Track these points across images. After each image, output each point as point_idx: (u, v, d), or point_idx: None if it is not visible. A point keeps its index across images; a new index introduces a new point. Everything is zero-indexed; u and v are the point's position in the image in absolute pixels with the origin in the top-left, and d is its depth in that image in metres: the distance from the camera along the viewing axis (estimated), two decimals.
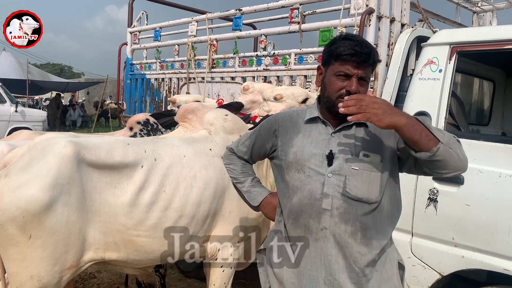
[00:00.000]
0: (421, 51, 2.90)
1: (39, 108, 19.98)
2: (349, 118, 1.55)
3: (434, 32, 3.18)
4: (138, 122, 3.04)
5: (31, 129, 11.86)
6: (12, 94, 13.37)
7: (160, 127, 3.13)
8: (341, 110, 1.55)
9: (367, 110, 1.50)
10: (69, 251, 2.16)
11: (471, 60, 3.53)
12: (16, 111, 11.71)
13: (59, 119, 18.91)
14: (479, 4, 4.08)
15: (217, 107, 3.11)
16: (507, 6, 4.05)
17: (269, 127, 1.93)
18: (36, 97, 26.45)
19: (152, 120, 3.10)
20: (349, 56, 1.63)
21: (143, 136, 2.99)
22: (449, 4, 3.90)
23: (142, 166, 2.35)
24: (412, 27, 3.20)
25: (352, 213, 1.65)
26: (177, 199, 2.39)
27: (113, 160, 2.28)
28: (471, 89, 3.99)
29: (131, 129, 3.04)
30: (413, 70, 3.07)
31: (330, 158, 1.69)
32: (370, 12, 2.91)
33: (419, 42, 3.08)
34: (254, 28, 5.21)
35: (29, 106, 19.96)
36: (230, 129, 2.74)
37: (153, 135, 3.01)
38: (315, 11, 3.38)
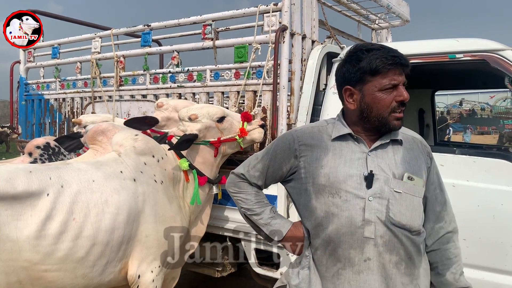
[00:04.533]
0: (332, 66, 3.01)
1: None
2: None
3: (342, 48, 3.35)
4: (38, 147, 2.73)
5: None
6: None
7: (62, 150, 2.84)
8: None
9: None
10: None
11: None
12: None
13: None
14: (377, 22, 4.40)
15: (128, 120, 2.92)
16: (401, 24, 4.42)
17: (286, 147, 1.72)
18: None
19: (53, 143, 2.80)
20: (391, 66, 1.52)
21: (44, 162, 2.69)
22: (351, 21, 4.14)
23: (47, 194, 2.14)
24: (322, 44, 3.32)
25: (396, 241, 1.52)
26: (88, 226, 2.20)
27: (15, 191, 2.05)
28: None
29: (30, 154, 2.72)
30: (326, 84, 3.18)
31: (369, 179, 1.53)
32: (283, 29, 2.95)
33: (329, 58, 3.21)
34: (160, 44, 5.06)
35: None
36: (141, 149, 2.59)
37: (55, 160, 2.73)
38: (229, 28, 3.35)
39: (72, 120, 3.62)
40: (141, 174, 2.54)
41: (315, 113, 3.05)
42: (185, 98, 3.50)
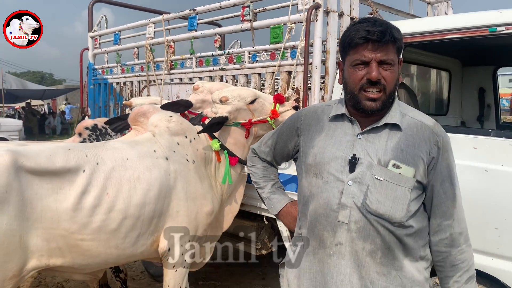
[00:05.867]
0: None
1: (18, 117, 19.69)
2: None
3: None
4: (87, 128, 3.00)
5: (7, 139, 11.70)
6: None
7: (109, 131, 3.08)
8: None
9: None
10: (10, 261, 2.12)
11: (425, 51, 3.55)
12: None
13: (37, 127, 18.67)
14: None
15: (165, 104, 3.07)
16: None
17: (291, 125, 1.76)
18: (17, 106, 26.07)
19: (100, 125, 3.06)
20: (361, 40, 1.43)
21: (92, 142, 2.95)
22: None
23: (84, 171, 2.34)
24: None
25: (372, 230, 1.45)
26: (120, 201, 2.39)
27: (54, 166, 2.27)
28: (428, 80, 4.02)
29: (80, 135, 2.99)
30: None
31: (352, 163, 1.48)
32: (316, 7, 2.90)
33: None
34: (219, 26, 5.18)
35: (8, 116, 19.70)
36: (174, 130, 2.72)
37: (103, 140, 2.97)
38: (265, 8, 3.35)
39: (123, 102, 3.89)
40: (173, 153, 2.68)
41: None
42: (226, 81, 3.59)
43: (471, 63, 3.95)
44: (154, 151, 2.63)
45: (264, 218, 3.34)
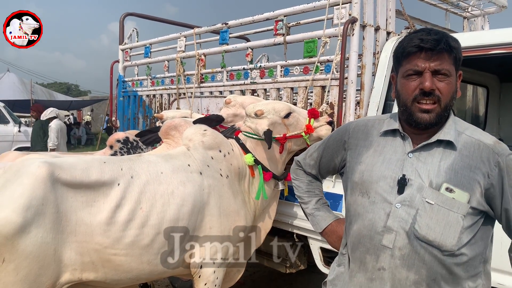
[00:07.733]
0: None
1: None
2: None
3: None
4: (118, 141, 3.00)
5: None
6: (17, 114, 13.46)
7: (140, 144, 3.08)
8: None
9: None
10: (44, 274, 2.10)
11: (463, 67, 3.45)
12: (19, 131, 11.77)
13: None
14: (469, 9, 4.01)
15: (196, 119, 3.05)
16: (497, 11, 3.97)
17: (338, 138, 1.68)
18: None
19: (132, 138, 3.05)
20: (414, 48, 1.37)
21: (123, 155, 2.94)
22: (437, 10, 3.83)
23: (118, 184, 2.32)
24: (398, 35, 3.14)
25: (417, 259, 1.35)
26: (154, 216, 2.35)
27: (89, 179, 2.26)
28: (465, 96, 3.91)
29: (111, 147, 2.99)
30: None
31: (402, 184, 1.39)
32: (352, 21, 2.85)
33: None
34: (248, 40, 5.18)
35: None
36: (209, 144, 2.69)
37: (133, 153, 2.96)
38: (299, 22, 3.32)
39: (154, 114, 3.89)
40: (207, 167, 2.65)
41: (387, 109, 2.89)
42: (257, 95, 3.56)
43: (510, 79, 3.82)
44: (188, 165, 2.60)
45: (295, 236, 3.27)
